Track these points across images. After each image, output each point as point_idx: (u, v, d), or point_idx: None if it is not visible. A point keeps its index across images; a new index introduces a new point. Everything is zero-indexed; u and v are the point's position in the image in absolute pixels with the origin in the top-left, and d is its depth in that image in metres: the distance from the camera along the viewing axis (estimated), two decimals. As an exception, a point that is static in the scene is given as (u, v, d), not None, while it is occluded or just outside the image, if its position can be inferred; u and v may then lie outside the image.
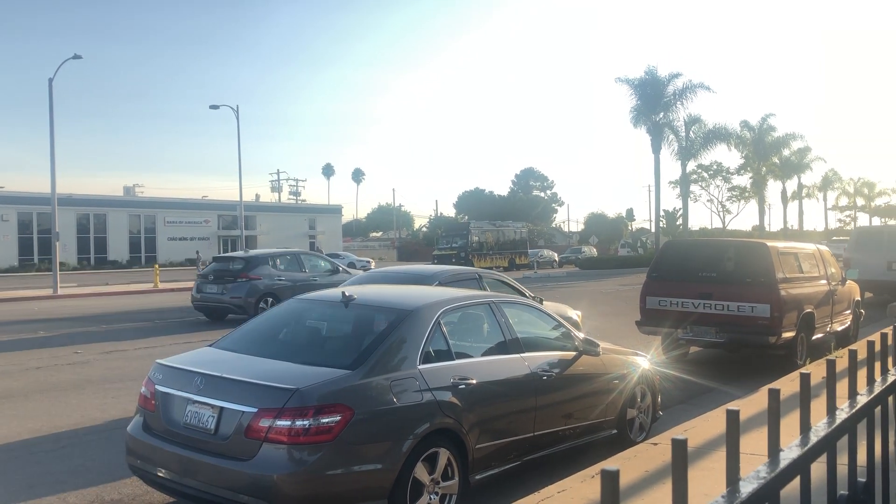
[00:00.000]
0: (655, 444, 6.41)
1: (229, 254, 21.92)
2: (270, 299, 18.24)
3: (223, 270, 19.08)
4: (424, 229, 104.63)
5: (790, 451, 1.68)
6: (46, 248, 55.56)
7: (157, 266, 38.41)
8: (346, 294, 6.00)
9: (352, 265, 55.75)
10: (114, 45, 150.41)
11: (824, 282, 12.62)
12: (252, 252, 21.30)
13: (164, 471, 5.01)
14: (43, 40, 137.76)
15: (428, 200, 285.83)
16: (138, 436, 5.27)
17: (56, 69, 31.63)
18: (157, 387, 5.24)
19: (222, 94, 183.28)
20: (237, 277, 18.54)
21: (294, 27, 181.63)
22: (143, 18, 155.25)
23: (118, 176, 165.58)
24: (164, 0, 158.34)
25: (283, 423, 4.47)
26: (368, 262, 56.31)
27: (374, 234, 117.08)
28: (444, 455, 5.13)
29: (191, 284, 32.27)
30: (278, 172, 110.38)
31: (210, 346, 5.99)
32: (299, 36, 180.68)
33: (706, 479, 5.17)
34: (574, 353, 6.70)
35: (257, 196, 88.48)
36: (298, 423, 4.46)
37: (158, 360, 5.51)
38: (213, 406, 4.81)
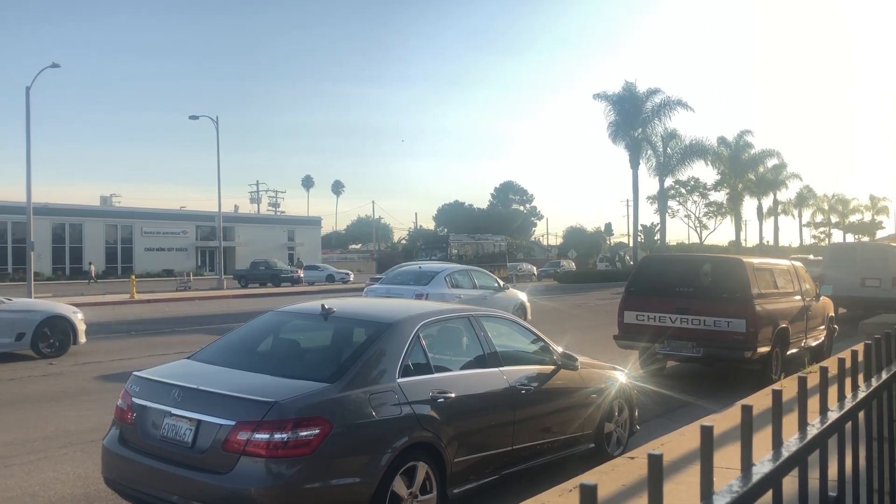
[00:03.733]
0: (632, 458, 6.45)
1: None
2: None
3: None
4: (404, 242, 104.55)
5: (762, 465, 1.72)
6: (21, 258, 54.87)
7: (133, 277, 38.05)
8: (326, 307, 6.00)
9: (331, 277, 55.82)
10: (92, 54, 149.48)
11: (799, 297, 12.78)
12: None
13: (140, 484, 4.97)
14: (21, 49, 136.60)
15: (407, 213, 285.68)
16: (114, 449, 5.22)
17: (33, 78, 31.40)
18: (133, 399, 5.21)
19: (202, 105, 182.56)
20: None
21: (274, 38, 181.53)
22: (122, 28, 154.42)
23: (95, 185, 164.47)
24: (143, 11, 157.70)
25: (261, 436, 4.46)
26: (348, 273, 56.21)
27: (354, 246, 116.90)
28: (422, 469, 5.13)
29: (167, 296, 31.93)
30: (258, 184, 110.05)
31: (188, 358, 5.96)
32: (279, 47, 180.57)
33: (682, 494, 5.22)
34: (552, 367, 6.73)
35: (236, 207, 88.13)
36: (276, 436, 4.45)
37: (135, 373, 5.47)
38: (190, 419, 4.78)
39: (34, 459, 7.17)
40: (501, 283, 20.88)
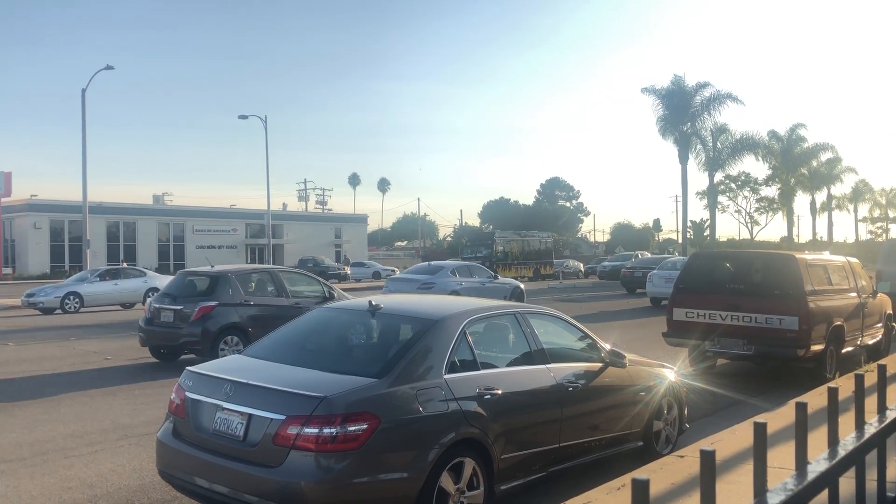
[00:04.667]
0: (682, 456, 6.38)
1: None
2: None
3: None
4: (449, 239, 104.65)
5: (818, 464, 1.68)
6: (77, 256, 56.43)
7: (185, 274, 38.80)
8: (373, 303, 6.05)
9: (377, 274, 56.25)
10: (145, 56, 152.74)
11: (854, 294, 12.46)
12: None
13: (193, 476, 5.08)
14: (77, 52, 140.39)
15: (453, 210, 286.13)
16: (168, 442, 5.34)
17: (89, 80, 32.22)
18: (187, 394, 5.32)
19: (251, 105, 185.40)
20: None
21: (322, 37, 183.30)
22: (175, 30, 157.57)
23: (148, 184, 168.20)
24: (195, 13, 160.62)
25: (311, 430, 4.52)
26: (393, 270, 56.50)
27: (399, 243, 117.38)
28: (469, 465, 5.14)
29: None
30: (305, 182, 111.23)
31: (239, 353, 6.07)
32: (327, 45, 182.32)
33: (732, 493, 5.14)
34: (600, 365, 6.68)
35: (285, 205, 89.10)
36: (326, 430, 4.51)
37: (189, 367, 5.59)
38: (241, 413, 4.87)
39: (92, 451, 7.38)
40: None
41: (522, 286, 25.96)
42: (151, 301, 14.13)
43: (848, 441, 1.88)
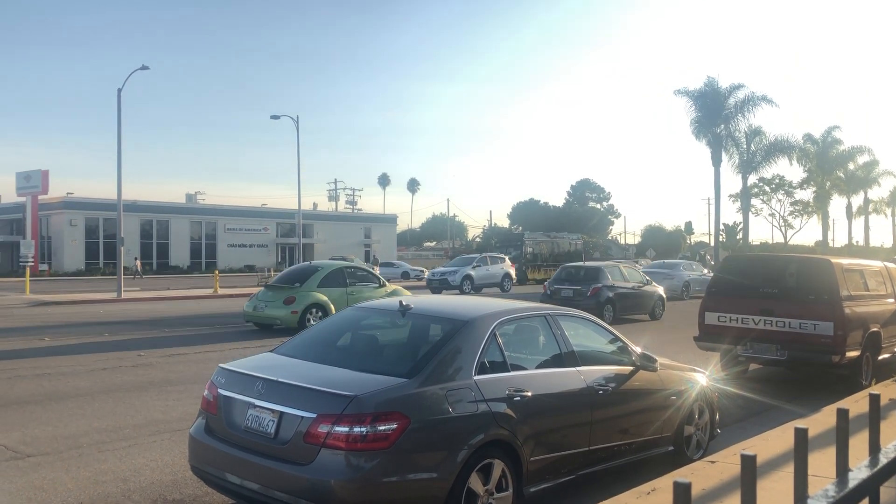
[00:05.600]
0: (713, 461, 6.31)
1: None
2: None
3: None
4: (478, 239, 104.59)
5: (859, 471, 1.66)
6: (112, 253, 57.43)
7: (216, 272, 39.24)
8: (403, 303, 6.06)
9: (406, 274, 56.40)
10: (180, 56, 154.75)
11: (892, 300, 12.24)
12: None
13: (224, 473, 5.13)
14: (113, 52, 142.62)
15: (482, 210, 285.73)
16: (200, 438, 5.40)
17: (125, 80, 32.69)
18: (219, 390, 5.37)
19: (283, 105, 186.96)
20: None
21: (353, 39, 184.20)
22: (208, 31, 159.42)
23: (181, 183, 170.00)
24: (229, 14, 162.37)
25: (341, 429, 4.54)
26: (422, 270, 56.64)
27: (428, 243, 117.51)
28: (498, 466, 5.13)
29: (248, 290, 32.81)
30: (335, 182, 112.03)
31: (271, 351, 6.12)
32: (358, 47, 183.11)
33: (765, 500, 5.06)
34: (631, 368, 6.63)
35: (315, 205, 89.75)
36: (356, 429, 4.53)
37: (221, 365, 5.65)
38: (273, 410, 4.91)
39: (125, 446, 7.49)
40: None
41: (513, 273, 33.51)
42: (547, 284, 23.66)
43: (890, 449, 1.85)
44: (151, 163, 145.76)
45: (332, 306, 18.06)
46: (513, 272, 40.88)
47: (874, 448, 1.80)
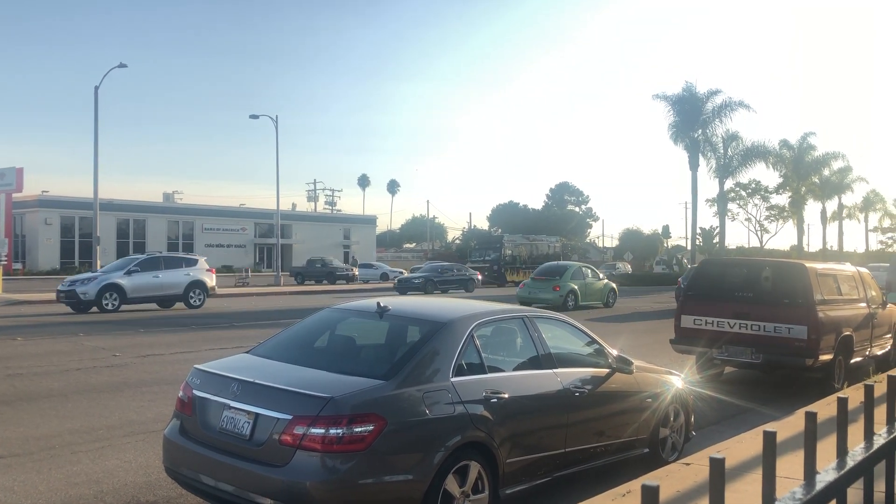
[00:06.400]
0: (688, 464, 6.35)
1: None
2: None
3: None
4: (458, 241, 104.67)
5: (826, 473, 1.68)
6: (87, 252, 56.71)
7: (193, 272, 38.88)
8: (381, 305, 6.05)
9: (385, 276, 56.29)
10: (158, 54, 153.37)
11: (864, 305, 12.41)
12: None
13: (199, 475, 5.09)
14: (90, 50, 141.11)
15: (462, 212, 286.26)
16: (175, 439, 5.36)
17: (102, 77, 32.38)
18: (194, 391, 5.33)
19: (262, 105, 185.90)
20: None
21: (333, 39, 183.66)
22: (187, 29, 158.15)
23: (158, 182, 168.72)
24: (208, 12, 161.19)
25: (317, 430, 4.53)
26: (401, 272, 56.56)
27: (408, 245, 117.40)
28: (474, 468, 5.14)
29: (225, 291, 32.58)
30: (315, 182, 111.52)
31: (247, 352, 6.08)
32: (337, 47, 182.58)
33: (738, 502, 5.12)
34: (607, 371, 6.67)
35: (294, 205, 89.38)
36: (332, 431, 4.51)
37: (196, 366, 5.60)
38: (248, 412, 4.88)
39: (99, 447, 7.41)
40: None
41: (479, 278, 32.81)
42: None
43: (857, 451, 1.87)
44: (128, 161, 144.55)
45: (579, 292, 27.87)
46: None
47: (842, 451, 1.83)
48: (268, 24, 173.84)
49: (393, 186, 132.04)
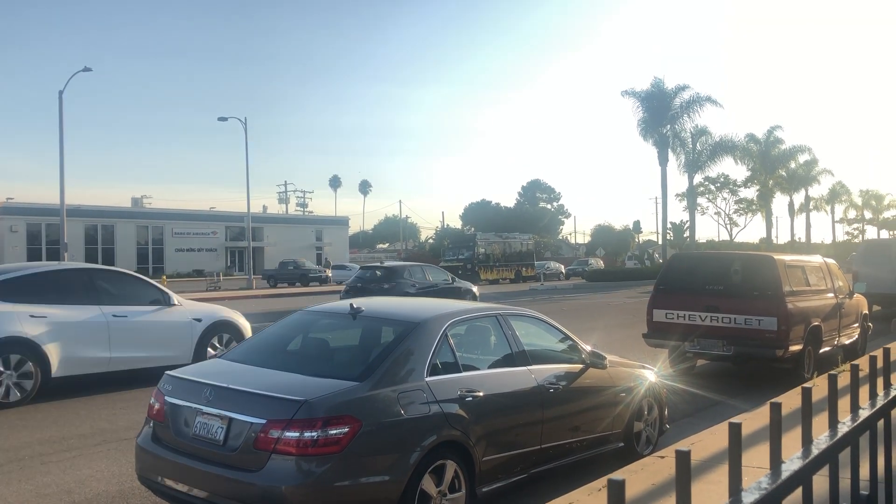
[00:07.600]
0: (662, 457, 6.42)
1: None
2: None
3: None
4: (431, 241, 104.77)
5: (792, 462, 1.71)
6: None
7: (164, 277, 38.54)
8: (354, 306, 6.04)
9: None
10: (123, 57, 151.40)
11: (832, 295, 12.61)
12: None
13: (173, 481, 5.05)
14: (53, 52, 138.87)
15: (435, 212, 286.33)
16: (148, 447, 5.30)
17: (66, 81, 31.94)
18: (166, 398, 5.28)
19: (231, 107, 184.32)
20: None
21: (302, 39, 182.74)
22: (152, 32, 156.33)
23: (126, 187, 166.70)
24: (174, 13, 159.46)
25: (292, 434, 4.51)
26: (375, 273, 56.37)
27: (381, 245, 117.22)
28: (451, 467, 5.15)
29: (197, 296, 32.32)
30: (286, 184, 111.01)
31: (219, 357, 6.04)
32: (307, 48, 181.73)
33: (712, 493, 5.19)
34: (581, 366, 6.72)
35: (265, 208, 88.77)
36: (307, 434, 4.49)
37: (168, 372, 5.55)
38: (221, 417, 4.85)
39: (70, 457, 7.31)
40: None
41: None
42: None
43: (821, 440, 1.91)
44: (95, 166, 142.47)
45: None
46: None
47: (807, 439, 1.86)
48: (234, 26, 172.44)
49: (365, 187, 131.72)
